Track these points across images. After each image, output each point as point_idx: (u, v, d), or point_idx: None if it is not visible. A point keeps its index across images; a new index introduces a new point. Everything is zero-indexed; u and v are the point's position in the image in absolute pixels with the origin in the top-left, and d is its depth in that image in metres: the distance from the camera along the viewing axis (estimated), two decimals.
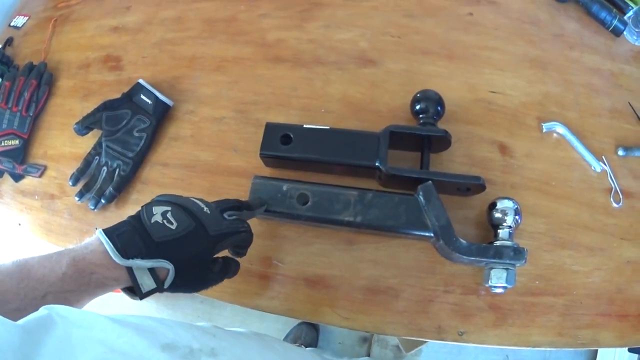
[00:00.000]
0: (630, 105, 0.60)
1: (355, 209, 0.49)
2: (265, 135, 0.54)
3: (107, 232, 0.39)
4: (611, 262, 0.52)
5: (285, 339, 1.24)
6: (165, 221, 0.40)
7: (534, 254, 0.52)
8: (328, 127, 0.54)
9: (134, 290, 0.39)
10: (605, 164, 0.56)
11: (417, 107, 0.54)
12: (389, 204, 0.48)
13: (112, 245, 0.38)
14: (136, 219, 0.41)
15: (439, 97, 0.54)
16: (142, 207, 0.42)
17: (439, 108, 0.54)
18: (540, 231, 0.53)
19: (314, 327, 1.25)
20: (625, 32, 0.64)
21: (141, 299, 0.39)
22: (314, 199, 0.50)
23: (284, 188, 0.51)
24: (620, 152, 0.57)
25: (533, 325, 0.49)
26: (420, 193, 0.48)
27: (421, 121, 0.54)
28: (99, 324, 0.28)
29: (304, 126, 0.54)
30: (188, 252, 0.40)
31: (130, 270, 0.38)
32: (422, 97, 0.54)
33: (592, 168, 0.56)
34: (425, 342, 1.18)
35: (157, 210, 0.41)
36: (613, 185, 0.55)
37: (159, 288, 0.39)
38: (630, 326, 0.50)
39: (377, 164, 0.50)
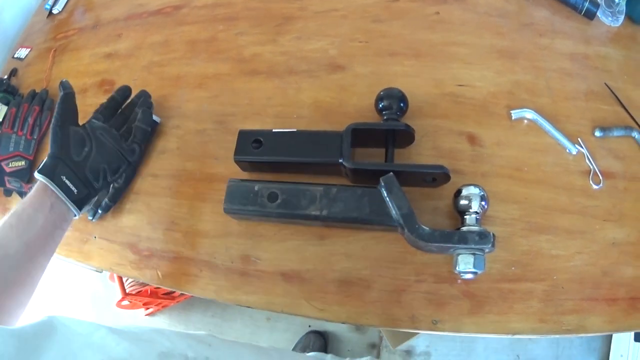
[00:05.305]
0: (607, 85, 0.60)
1: (321, 204, 0.50)
2: (239, 141, 0.57)
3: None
4: (594, 245, 0.51)
5: (294, 348, 1.24)
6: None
7: (509, 240, 0.51)
8: (295, 130, 0.56)
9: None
10: (582, 146, 0.56)
11: (380, 104, 0.56)
12: (353, 197, 0.50)
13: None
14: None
15: (402, 94, 0.56)
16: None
17: (401, 104, 0.55)
18: (514, 217, 0.53)
19: (321, 336, 1.25)
20: (599, 14, 0.64)
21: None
22: (283, 197, 0.52)
23: (256, 188, 0.53)
24: (597, 133, 0.56)
25: (512, 312, 0.49)
26: (382, 184, 0.49)
27: (385, 117, 0.55)
28: (98, 332, 0.29)
29: (273, 131, 0.57)
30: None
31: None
32: (385, 95, 0.56)
33: (567, 151, 0.56)
34: (413, 335, 1.14)
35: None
36: (591, 167, 0.54)
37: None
38: (621, 310, 0.48)
39: (340, 160, 0.52)
